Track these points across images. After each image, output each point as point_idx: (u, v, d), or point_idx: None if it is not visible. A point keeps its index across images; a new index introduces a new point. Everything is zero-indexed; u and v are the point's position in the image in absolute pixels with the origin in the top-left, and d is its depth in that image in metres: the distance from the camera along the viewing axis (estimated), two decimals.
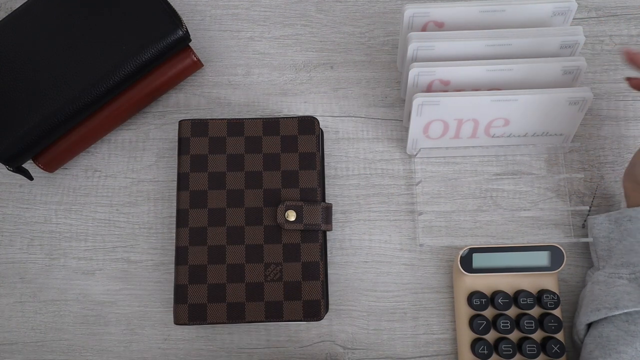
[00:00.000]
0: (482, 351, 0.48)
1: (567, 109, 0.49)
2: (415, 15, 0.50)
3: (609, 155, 0.54)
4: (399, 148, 0.55)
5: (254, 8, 0.60)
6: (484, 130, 0.52)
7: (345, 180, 0.55)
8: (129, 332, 0.52)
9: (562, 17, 0.50)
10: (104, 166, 0.56)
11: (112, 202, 0.55)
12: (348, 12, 0.59)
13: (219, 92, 0.57)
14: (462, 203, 0.54)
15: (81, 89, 0.50)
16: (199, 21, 0.59)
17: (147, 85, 0.54)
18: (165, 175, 0.56)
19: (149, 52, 0.51)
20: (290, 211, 0.49)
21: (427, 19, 0.50)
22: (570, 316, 0.51)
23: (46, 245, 0.54)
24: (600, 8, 0.58)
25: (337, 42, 0.58)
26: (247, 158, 0.51)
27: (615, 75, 0.56)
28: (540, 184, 0.54)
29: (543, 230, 0.53)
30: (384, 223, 0.54)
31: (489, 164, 0.55)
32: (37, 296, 0.53)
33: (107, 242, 0.54)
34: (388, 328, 0.51)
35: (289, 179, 0.51)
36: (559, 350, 0.47)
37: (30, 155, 0.52)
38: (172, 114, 0.57)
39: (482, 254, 0.49)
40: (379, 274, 0.52)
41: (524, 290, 0.49)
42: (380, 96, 0.57)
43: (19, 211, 0.55)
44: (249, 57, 0.58)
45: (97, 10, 0.52)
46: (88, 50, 0.51)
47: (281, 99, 0.57)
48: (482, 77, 0.50)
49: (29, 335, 0.52)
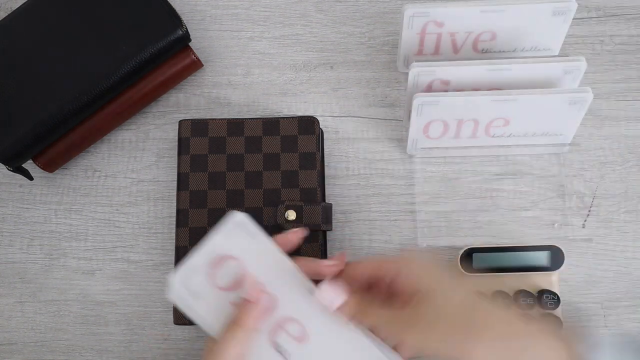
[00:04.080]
0: None
1: (567, 109, 0.49)
2: (415, 15, 0.49)
3: (609, 155, 0.54)
4: (399, 148, 0.55)
5: (254, 8, 0.60)
6: (484, 130, 0.52)
7: (345, 180, 0.55)
8: (129, 332, 0.52)
9: (562, 17, 0.50)
10: (104, 166, 0.56)
11: (112, 202, 0.55)
12: (348, 12, 0.59)
13: (219, 92, 0.57)
14: (462, 203, 0.54)
15: (81, 89, 0.50)
16: (199, 21, 0.59)
17: (147, 85, 0.54)
18: (165, 175, 0.56)
19: (149, 52, 0.51)
20: (290, 211, 0.49)
21: (426, 19, 0.50)
22: (571, 316, 0.51)
23: (46, 245, 0.54)
24: (600, 8, 0.58)
25: (337, 42, 0.58)
26: (247, 158, 0.51)
27: (615, 75, 0.56)
28: (540, 184, 0.54)
29: (543, 230, 0.53)
30: (384, 223, 0.54)
31: (489, 164, 0.55)
32: (37, 296, 0.53)
33: (107, 242, 0.54)
34: None
35: (289, 179, 0.51)
36: None
37: (30, 155, 0.52)
38: (172, 114, 0.57)
39: (482, 254, 0.49)
40: None
41: (524, 290, 0.49)
42: (380, 96, 0.57)
43: (19, 211, 0.55)
44: (249, 57, 0.58)
45: (97, 10, 0.52)
46: (88, 50, 0.51)
47: (281, 99, 0.57)
48: (482, 77, 0.49)
49: (29, 335, 0.52)
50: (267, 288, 0.37)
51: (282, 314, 0.37)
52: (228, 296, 0.37)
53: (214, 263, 0.37)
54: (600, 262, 0.52)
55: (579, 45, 0.57)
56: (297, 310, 0.37)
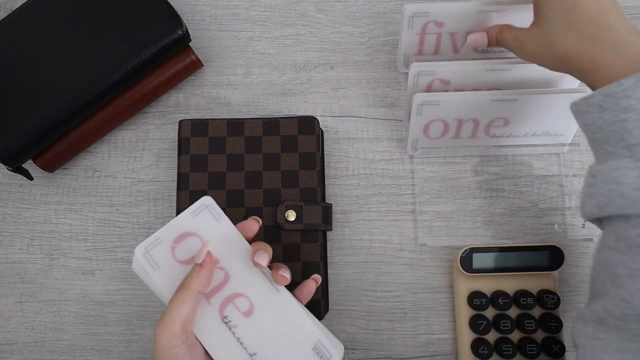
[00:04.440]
0: (482, 351, 0.48)
1: (567, 109, 0.49)
2: (415, 15, 0.49)
3: None
4: (399, 148, 0.55)
5: (254, 8, 0.60)
6: (484, 130, 0.52)
7: (345, 180, 0.55)
8: (129, 332, 0.52)
9: None
10: (104, 166, 0.56)
11: (112, 202, 0.55)
12: (348, 12, 0.59)
13: (219, 92, 0.57)
14: (462, 203, 0.54)
15: (81, 89, 0.50)
16: (199, 21, 0.59)
17: (147, 84, 0.54)
18: (165, 175, 0.56)
19: (149, 52, 0.51)
20: (290, 211, 0.49)
21: (426, 19, 0.50)
22: (571, 316, 0.51)
23: (46, 245, 0.54)
24: None
25: (337, 42, 0.58)
26: (247, 158, 0.51)
27: None
28: (540, 184, 0.54)
29: (543, 230, 0.53)
30: (384, 223, 0.54)
31: (489, 164, 0.55)
32: (37, 296, 0.53)
33: (107, 242, 0.54)
34: (388, 328, 0.51)
35: (289, 179, 0.51)
36: (559, 350, 0.47)
37: (30, 155, 0.52)
38: (172, 114, 0.57)
39: (482, 254, 0.49)
40: (379, 274, 0.52)
41: (524, 290, 0.49)
42: (380, 96, 0.57)
43: (19, 211, 0.55)
44: (249, 57, 0.58)
45: (97, 10, 0.52)
46: (88, 50, 0.51)
47: (281, 99, 0.57)
48: (482, 77, 0.50)
49: (29, 335, 0.52)
50: (221, 264, 0.40)
51: (233, 290, 0.39)
52: (186, 269, 0.39)
53: (177, 238, 0.40)
54: None
55: None
56: (246, 287, 0.39)
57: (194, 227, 0.40)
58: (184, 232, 0.40)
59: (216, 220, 0.41)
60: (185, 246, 0.40)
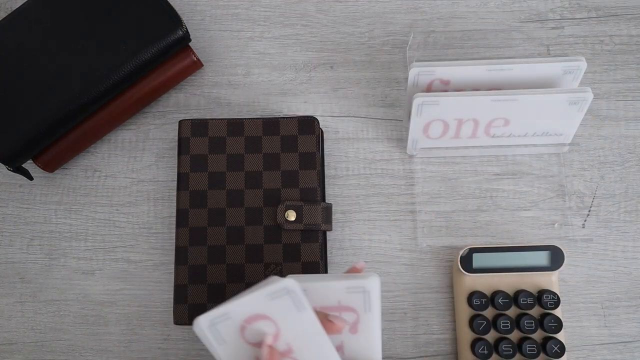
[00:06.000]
0: (482, 351, 0.48)
1: (567, 109, 0.49)
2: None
3: (609, 155, 0.54)
4: (399, 148, 0.55)
5: (254, 8, 0.60)
6: (484, 130, 0.52)
7: (345, 180, 0.55)
8: (129, 332, 0.52)
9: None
10: (104, 166, 0.56)
11: (112, 202, 0.55)
12: (348, 12, 0.59)
13: (219, 92, 0.57)
14: (462, 203, 0.54)
15: (81, 89, 0.50)
16: (199, 21, 0.59)
17: (147, 85, 0.54)
18: (165, 175, 0.56)
19: (149, 52, 0.51)
20: (290, 211, 0.49)
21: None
22: (571, 316, 0.51)
23: (46, 245, 0.54)
24: (600, 8, 0.58)
25: (337, 42, 0.58)
26: (247, 158, 0.51)
27: (615, 75, 0.56)
28: (540, 184, 0.54)
29: (543, 230, 0.53)
30: (384, 223, 0.54)
31: (489, 164, 0.55)
32: (37, 296, 0.53)
33: (107, 242, 0.54)
34: (388, 328, 0.51)
35: (289, 179, 0.51)
36: (559, 350, 0.47)
37: (30, 155, 0.52)
38: (172, 114, 0.57)
39: (482, 254, 0.49)
40: (379, 274, 0.52)
41: (524, 290, 0.49)
42: (380, 96, 0.57)
43: (19, 211, 0.55)
44: (249, 57, 0.58)
45: (97, 10, 0.52)
46: (88, 50, 0.51)
47: (281, 99, 0.57)
48: (482, 77, 0.50)
49: (29, 335, 0.52)
50: (294, 354, 0.35)
51: None
52: (254, 351, 0.35)
53: (249, 319, 0.35)
54: (600, 262, 0.52)
55: (579, 45, 0.57)
56: None
57: (268, 311, 0.35)
58: (257, 313, 0.35)
59: (297, 309, 0.35)
60: (256, 327, 0.35)
